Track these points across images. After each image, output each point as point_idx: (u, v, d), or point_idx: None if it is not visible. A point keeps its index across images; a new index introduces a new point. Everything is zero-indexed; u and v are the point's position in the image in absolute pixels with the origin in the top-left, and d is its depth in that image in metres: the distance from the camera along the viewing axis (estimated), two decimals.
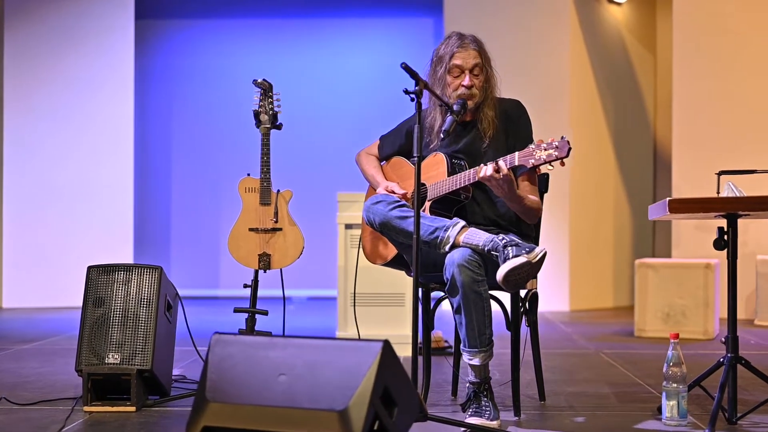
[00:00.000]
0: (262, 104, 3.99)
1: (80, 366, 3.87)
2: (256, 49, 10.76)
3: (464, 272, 3.40)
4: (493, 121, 3.77)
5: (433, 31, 10.71)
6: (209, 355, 2.88)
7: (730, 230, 3.57)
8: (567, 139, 3.40)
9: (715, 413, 3.43)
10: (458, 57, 3.75)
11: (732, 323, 3.63)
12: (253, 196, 3.93)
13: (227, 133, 10.73)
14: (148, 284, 3.97)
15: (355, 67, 10.65)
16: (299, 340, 2.87)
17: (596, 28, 9.36)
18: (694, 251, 7.89)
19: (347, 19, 10.82)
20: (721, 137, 8.18)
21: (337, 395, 2.69)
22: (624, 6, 9.69)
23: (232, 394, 2.80)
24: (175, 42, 10.85)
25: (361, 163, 4.15)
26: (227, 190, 10.79)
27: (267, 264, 3.90)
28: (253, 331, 3.98)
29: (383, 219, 3.62)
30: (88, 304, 3.95)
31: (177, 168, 10.84)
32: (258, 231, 3.90)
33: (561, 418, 3.74)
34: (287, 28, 10.82)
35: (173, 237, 10.81)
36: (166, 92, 10.81)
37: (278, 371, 2.79)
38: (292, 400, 2.74)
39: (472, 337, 3.47)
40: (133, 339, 3.90)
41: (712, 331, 6.65)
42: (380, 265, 4.03)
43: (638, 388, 4.47)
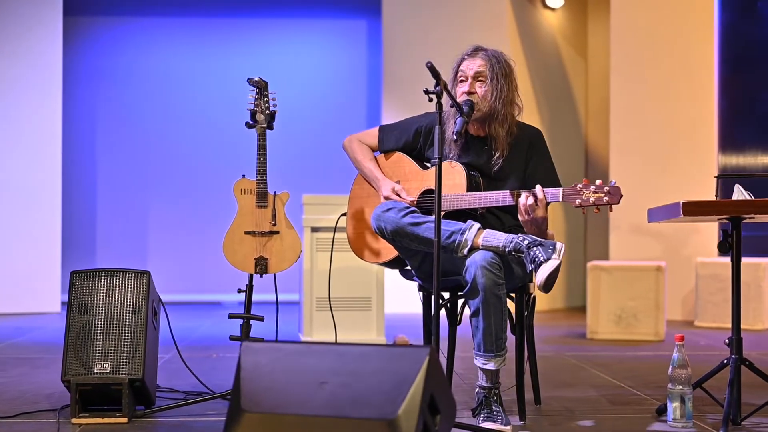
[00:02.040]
0: (258, 103, 3.87)
1: (67, 376, 3.69)
2: (188, 49, 10.56)
3: (486, 275, 3.35)
4: (504, 141, 3.71)
5: (366, 32, 10.65)
6: (241, 364, 2.76)
7: (735, 233, 3.60)
8: (618, 186, 3.43)
9: (726, 414, 3.45)
10: (464, 63, 3.72)
11: (736, 325, 3.66)
12: (249, 198, 3.81)
13: (157, 132, 10.50)
14: (136, 290, 3.81)
15: (288, 67, 10.52)
16: (338, 346, 2.77)
17: (532, 33, 9.44)
18: (630, 254, 8.00)
19: (279, 20, 10.68)
20: (658, 143, 8.31)
21: (386, 403, 2.60)
22: (558, 12, 9.79)
23: (271, 404, 2.69)
24: (105, 40, 10.56)
25: (353, 150, 4.05)
26: (157, 191, 10.59)
27: (264, 268, 3.78)
28: (248, 337, 3.86)
29: (395, 226, 3.53)
30: (73, 312, 3.77)
31: (104, 169, 10.55)
32: (255, 234, 3.78)
33: (567, 422, 3.71)
34: (218, 27, 10.64)
35: (99, 239, 10.51)
36: (95, 91, 10.51)
37: (319, 379, 2.68)
38: (336, 408, 2.64)
39: (488, 342, 3.42)
40: (123, 347, 3.74)
41: (663, 333, 6.74)
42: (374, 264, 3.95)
43: (622, 391, 4.47)
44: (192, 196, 10.52)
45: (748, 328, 7.44)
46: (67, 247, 9.67)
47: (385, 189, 3.83)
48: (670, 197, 6.48)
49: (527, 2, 9.44)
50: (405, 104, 9.20)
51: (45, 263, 8.90)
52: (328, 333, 5.45)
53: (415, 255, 3.67)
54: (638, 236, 8.35)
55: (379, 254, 3.88)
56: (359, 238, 3.95)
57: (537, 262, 3.32)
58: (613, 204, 3.44)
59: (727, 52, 8.33)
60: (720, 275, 7.66)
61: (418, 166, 3.89)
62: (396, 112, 9.21)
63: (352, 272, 5.36)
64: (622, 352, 6.08)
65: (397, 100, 9.25)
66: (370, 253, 3.90)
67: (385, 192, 3.82)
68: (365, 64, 10.50)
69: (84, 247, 10.44)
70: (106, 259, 10.36)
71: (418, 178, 3.85)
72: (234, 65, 10.52)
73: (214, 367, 5.13)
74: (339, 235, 5.51)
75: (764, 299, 7.53)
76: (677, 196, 6.20)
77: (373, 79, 10.31)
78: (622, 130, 8.39)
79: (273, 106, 3.84)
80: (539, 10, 9.59)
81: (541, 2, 9.60)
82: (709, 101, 8.29)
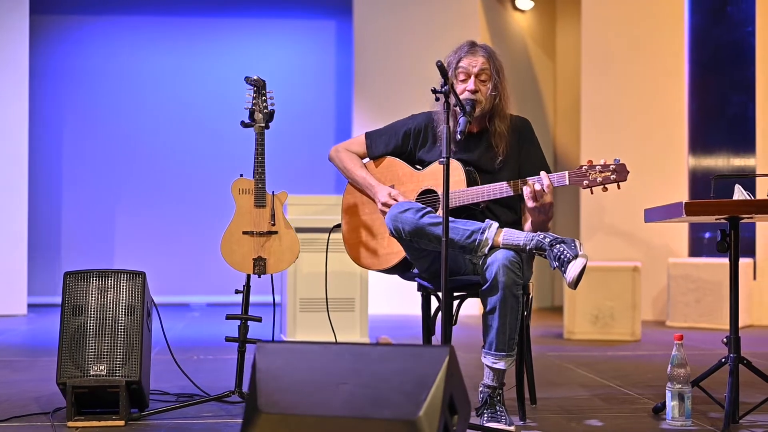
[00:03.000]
0: (256, 102, 3.82)
1: (62, 379, 3.63)
2: (156, 48, 10.47)
3: (508, 273, 3.34)
4: (505, 136, 3.72)
5: (335, 33, 10.62)
6: (256, 364, 2.73)
7: (732, 232, 3.62)
8: (623, 163, 3.44)
9: (729, 413, 3.47)
10: (465, 61, 3.69)
11: (734, 324, 3.68)
12: (247, 198, 3.76)
13: (124, 132, 10.39)
14: (132, 290, 3.76)
15: (257, 67, 10.42)
16: (356, 347, 2.75)
17: (503, 35, 9.47)
18: (601, 254, 8.06)
19: (249, 19, 10.62)
20: (628, 144, 8.37)
21: (407, 403, 2.58)
22: (528, 14, 9.84)
23: (289, 405, 2.66)
24: (72, 39, 10.42)
25: (342, 160, 4.01)
26: (124, 192, 10.47)
27: (262, 268, 3.74)
28: (245, 339, 3.81)
29: (414, 227, 3.49)
30: (66, 313, 3.71)
31: (71, 169, 10.41)
32: (253, 234, 3.73)
33: (568, 422, 3.71)
34: (188, 26, 10.56)
35: (65, 241, 10.37)
36: (63, 91, 10.37)
37: (338, 380, 2.65)
38: (356, 409, 2.61)
39: (501, 341, 3.42)
40: (119, 349, 3.69)
41: (639, 333, 6.79)
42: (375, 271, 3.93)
43: (612, 390, 4.49)
44: (159, 197, 10.42)
45: (721, 328, 7.51)
46: (33, 249, 9.52)
47: (382, 195, 3.80)
48: (641, 198, 6.57)
49: (498, 4, 9.47)
50: (376, 105, 9.21)
51: (11, 265, 8.77)
52: (312, 334, 5.42)
53: (426, 256, 3.64)
54: (610, 237, 8.41)
55: (383, 262, 3.85)
56: (361, 249, 3.92)
57: (563, 260, 3.32)
58: (620, 181, 3.46)
59: (697, 54, 8.42)
60: (691, 276, 7.74)
61: (411, 168, 3.87)
62: (367, 113, 9.21)
63: (336, 273, 5.33)
64: (602, 351, 6.11)
65: (368, 100, 9.23)
66: (370, 260, 3.88)
67: (383, 198, 3.79)
68: (334, 65, 10.47)
69: (50, 249, 10.30)
70: (71, 261, 10.23)
71: (414, 180, 3.84)
72: (202, 64, 10.46)
73: (198, 369, 5.08)
74: (319, 236, 5.51)
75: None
76: (648, 197, 6.30)
77: (343, 79, 10.29)
78: (592, 131, 8.44)
79: (271, 105, 3.79)
80: (509, 12, 9.63)
81: (511, 4, 9.64)
82: (680, 103, 8.38)
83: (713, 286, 7.62)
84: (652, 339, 6.87)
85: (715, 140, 8.47)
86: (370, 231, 3.88)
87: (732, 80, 8.47)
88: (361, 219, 3.93)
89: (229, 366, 5.33)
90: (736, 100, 8.45)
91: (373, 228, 3.89)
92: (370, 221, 3.90)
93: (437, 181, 3.75)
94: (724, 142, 8.44)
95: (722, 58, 8.49)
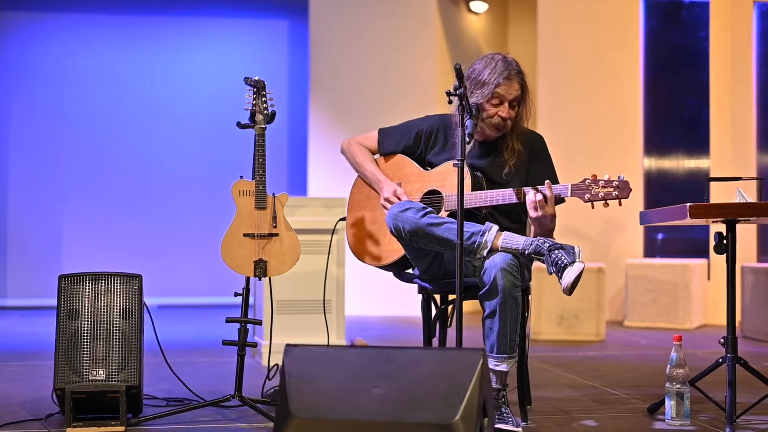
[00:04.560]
0: (256, 103, 3.77)
1: (61, 384, 3.55)
2: (107, 46, 10.30)
3: (506, 276, 3.35)
4: (519, 153, 3.73)
5: (288, 33, 10.55)
6: (285, 368, 2.70)
7: (729, 235, 3.68)
8: (627, 180, 3.48)
9: (730, 412, 3.52)
10: (502, 88, 3.64)
11: (731, 324, 3.73)
12: (247, 200, 3.71)
13: (72, 131, 10.21)
14: (129, 293, 3.70)
15: (208, 67, 10.36)
16: (386, 350, 2.73)
17: (458, 37, 9.51)
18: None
19: (200, 18, 10.50)
20: (583, 146, 8.46)
21: (444, 407, 2.58)
22: (481, 16, 9.89)
23: (321, 409, 2.64)
24: (21, 37, 10.19)
25: (353, 153, 4.00)
26: (72, 191, 10.26)
27: (263, 271, 3.69)
28: (245, 342, 3.76)
29: (414, 227, 3.49)
30: (62, 317, 3.63)
31: (17, 168, 10.20)
32: (254, 237, 3.69)
33: (570, 423, 3.74)
34: (137, 24, 10.40)
35: (10, 242, 10.15)
36: (9, 89, 10.15)
37: (371, 383, 2.64)
38: (392, 413, 2.60)
39: (502, 344, 3.42)
40: (117, 353, 3.62)
41: (603, 333, 6.87)
42: (374, 266, 3.92)
43: (597, 390, 4.53)
44: (108, 196, 10.25)
45: (678, 327, 7.64)
46: None
47: (386, 191, 3.79)
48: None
49: (453, 6, 9.50)
50: (333, 106, 9.18)
51: None
52: (288, 337, 5.36)
53: (425, 256, 3.64)
54: (565, 238, 8.47)
55: (380, 258, 3.84)
56: (360, 242, 3.91)
57: (560, 266, 3.33)
58: (622, 198, 3.49)
59: (652, 57, 8.55)
60: (648, 276, 7.85)
61: (420, 168, 3.87)
62: (324, 113, 9.18)
63: (311, 275, 5.29)
64: (572, 352, 6.17)
65: (324, 101, 9.20)
66: (370, 257, 3.87)
67: (386, 194, 3.78)
68: (287, 65, 10.41)
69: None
70: (17, 264, 10.03)
71: (421, 180, 3.83)
72: (150, 63, 10.32)
73: (178, 373, 4.99)
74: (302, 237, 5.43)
75: (694, 299, 7.74)
76: None
77: (296, 80, 10.23)
78: (548, 133, 8.44)
79: (271, 106, 3.75)
80: (464, 15, 9.67)
81: (465, 6, 9.68)
82: (635, 105, 8.49)
83: (670, 287, 7.74)
84: (615, 339, 6.95)
85: (669, 142, 8.62)
86: (375, 225, 3.88)
87: (686, 83, 8.63)
88: (366, 213, 3.92)
89: (211, 369, 5.27)
90: (691, 103, 8.61)
91: (376, 223, 3.88)
92: (374, 216, 3.89)
93: (444, 182, 3.75)
94: (679, 144, 8.60)
95: (677, 61, 8.64)
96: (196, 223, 10.19)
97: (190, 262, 10.10)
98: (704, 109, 8.36)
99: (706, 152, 8.34)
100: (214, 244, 9.75)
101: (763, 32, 8.24)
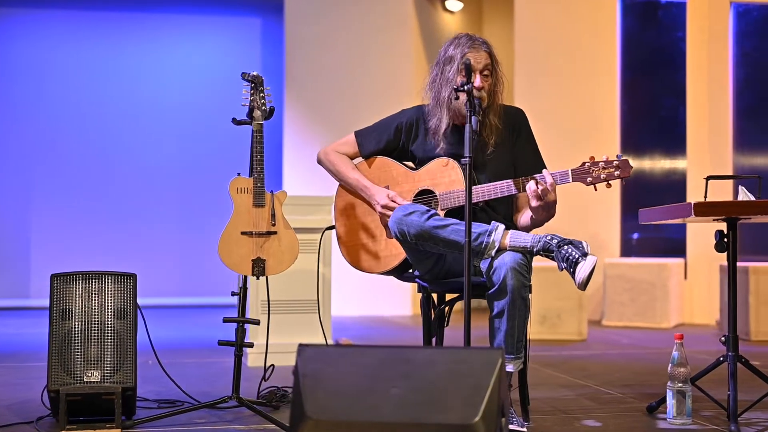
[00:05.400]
0: (254, 98, 3.70)
1: (54, 386, 3.46)
2: (83, 44, 10.18)
3: (516, 276, 3.30)
4: (497, 129, 3.68)
5: (261, 31, 10.46)
6: (299, 369, 2.63)
7: (731, 233, 3.66)
8: (626, 159, 3.45)
9: (734, 411, 3.50)
10: (469, 57, 3.61)
11: (732, 323, 3.71)
12: (245, 197, 3.62)
13: (35, 128, 10.06)
14: (123, 293, 3.62)
15: (180, 64, 10.25)
16: (401, 350, 2.68)
17: (433, 36, 9.47)
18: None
19: (173, 15, 10.39)
20: (561, 145, 8.44)
21: (464, 407, 2.52)
22: (457, 15, 9.87)
23: (338, 410, 2.57)
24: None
25: (333, 163, 3.90)
26: (37, 190, 10.11)
27: (261, 270, 3.61)
28: (243, 342, 3.68)
29: (420, 230, 3.42)
30: (55, 318, 3.54)
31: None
32: (252, 235, 3.61)
33: (572, 422, 3.71)
34: (114, 22, 10.27)
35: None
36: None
37: (388, 383, 2.58)
38: (410, 414, 2.54)
39: (510, 344, 3.38)
40: (111, 354, 3.54)
41: (585, 332, 6.86)
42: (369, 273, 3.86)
43: (592, 390, 4.51)
44: (72, 195, 10.11)
45: (656, 327, 7.66)
46: None
47: (380, 197, 3.71)
48: (574, 197, 6.60)
49: (429, 5, 9.47)
50: (308, 105, 9.11)
51: None
52: (275, 337, 5.29)
53: (428, 259, 3.58)
54: None
55: (381, 265, 3.76)
56: (356, 252, 3.82)
57: (571, 261, 3.30)
58: (624, 177, 3.46)
59: (629, 57, 8.57)
60: (626, 275, 7.86)
61: (405, 168, 3.80)
62: (299, 112, 9.11)
63: (298, 275, 5.22)
64: (557, 351, 6.15)
65: (299, 99, 9.12)
66: (369, 264, 3.79)
67: (382, 201, 3.69)
68: (260, 62, 10.32)
69: None
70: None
71: (409, 180, 3.77)
72: (126, 60, 10.21)
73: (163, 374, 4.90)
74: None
75: (670, 299, 7.76)
76: (581, 196, 6.33)
77: (269, 77, 10.10)
78: None
79: (269, 102, 3.68)
80: (440, 13, 9.64)
81: (441, 5, 9.65)
82: (612, 105, 8.50)
83: (647, 286, 7.76)
84: (596, 338, 6.95)
85: (646, 142, 8.64)
86: (367, 233, 3.80)
87: (663, 83, 8.66)
88: (357, 221, 3.83)
89: (197, 370, 5.18)
90: (668, 103, 8.64)
91: (370, 230, 3.80)
92: (366, 223, 3.81)
93: (434, 180, 3.69)
94: (656, 144, 8.62)
95: (654, 61, 8.66)
96: (171, 222, 10.09)
97: (166, 262, 9.98)
98: (681, 109, 8.39)
99: (683, 152, 8.37)
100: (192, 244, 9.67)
101: (740, 32, 8.29)
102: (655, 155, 8.58)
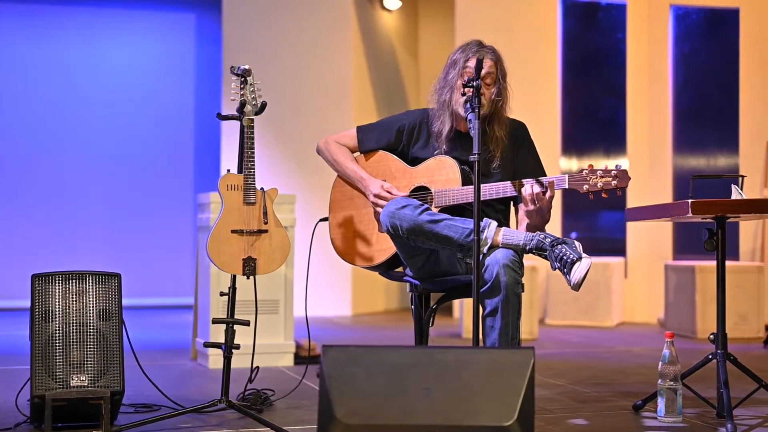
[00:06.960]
0: (244, 93, 3.59)
1: (38, 391, 3.31)
2: (16, 37, 9.86)
3: (509, 273, 3.26)
4: (502, 141, 3.66)
5: (195, 26, 10.27)
6: (324, 371, 2.55)
7: (720, 231, 3.69)
8: (625, 169, 3.45)
9: (729, 408, 3.52)
10: (472, 61, 3.57)
11: (721, 321, 3.74)
12: (235, 195, 3.51)
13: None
14: (107, 293, 3.49)
15: (113, 59, 10.00)
16: (429, 350, 2.62)
17: (372, 35, 9.43)
18: None
19: (103, 9, 10.11)
20: None
21: (498, 409, 2.48)
22: (394, 14, 9.84)
23: (369, 413, 2.50)
24: None
25: (332, 153, 3.85)
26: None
27: (252, 269, 3.50)
28: (232, 343, 3.58)
29: (413, 224, 3.36)
30: (37, 320, 3.39)
31: None
32: (243, 233, 3.50)
33: (560, 421, 3.69)
34: (48, 15, 9.97)
35: None
36: None
37: (419, 385, 2.52)
38: (444, 416, 2.49)
39: (504, 342, 3.33)
40: (97, 357, 3.41)
41: (537, 331, 6.87)
42: (362, 267, 3.79)
43: (569, 389, 4.51)
44: (26, 194, 9.82)
45: (599, 325, 7.73)
46: None
47: (374, 188, 3.66)
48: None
49: (368, 4, 9.41)
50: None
51: None
52: (240, 338, 5.18)
53: (419, 255, 3.53)
54: None
55: (371, 258, 3.71)
56: (348, 243, 3.76)
57: (566, 261, 3.26)
58: (621, 187, 3.45)
59: (570, 58, 8.63)
60: None
61: (404, 164, 3.75)
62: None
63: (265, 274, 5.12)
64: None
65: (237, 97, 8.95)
66: (361, 258, 3.73)
67: (375, 191, 3.65)
68: (194, 58, 10.12)
69: None
70: None
71: (406, 176, 3.72)
72: (53, 54, 9.91)
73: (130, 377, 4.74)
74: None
75: (614, 297, 7.84)
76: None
77: (205, 74, 9.94)
78: None
79: (259, 97, 3.58)
80: (378, 12, 9.60)
81: (379, 4, 9.60)
82: (553, 105, 8.55)
83: (591, 285, 7.81)
84: (547, 337, 6.97)
85: (587, 142, 8.72)
86: (360, 226, 3.74)
87: (604, 84, 8.76)
88: (350, 213, 3.78)
89: (165, 372, 5.02)
90: (608, 104, 8.74)
91: (362, 223, 3.75)
92: (359, 216, 3.75)
93: (431, 178, 3.65)
94: (596, 144, 8.71)
95: (594, 62, 8.76)
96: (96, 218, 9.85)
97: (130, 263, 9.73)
98: (621, 110, 8.49)
99: (623, 152, 8.47)
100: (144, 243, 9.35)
101: (679, 34, 8.42)
102: (596, 155, 8.66)
